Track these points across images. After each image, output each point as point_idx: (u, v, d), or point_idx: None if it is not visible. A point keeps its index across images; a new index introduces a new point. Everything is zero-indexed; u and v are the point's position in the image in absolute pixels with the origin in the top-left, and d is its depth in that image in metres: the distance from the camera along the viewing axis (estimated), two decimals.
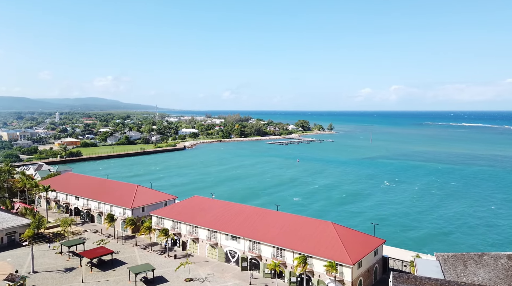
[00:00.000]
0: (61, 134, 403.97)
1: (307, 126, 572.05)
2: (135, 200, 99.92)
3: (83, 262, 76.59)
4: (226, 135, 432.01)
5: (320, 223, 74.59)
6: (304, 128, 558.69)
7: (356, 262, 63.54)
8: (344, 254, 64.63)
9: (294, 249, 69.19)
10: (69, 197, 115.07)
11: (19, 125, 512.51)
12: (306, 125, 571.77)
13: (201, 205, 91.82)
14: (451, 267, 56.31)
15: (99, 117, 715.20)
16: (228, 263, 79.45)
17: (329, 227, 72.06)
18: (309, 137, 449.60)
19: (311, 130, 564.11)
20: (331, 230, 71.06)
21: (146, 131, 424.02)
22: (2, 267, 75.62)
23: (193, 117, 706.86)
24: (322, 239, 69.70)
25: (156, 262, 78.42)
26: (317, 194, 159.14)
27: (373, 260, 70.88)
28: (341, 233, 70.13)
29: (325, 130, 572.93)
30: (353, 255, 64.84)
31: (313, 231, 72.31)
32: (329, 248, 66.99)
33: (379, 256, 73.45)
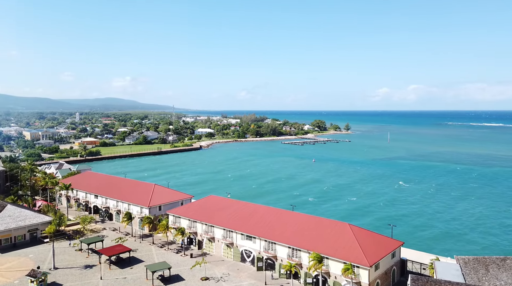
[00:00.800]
0: (81, 134, 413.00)
1: (323, 126, 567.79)
2: (152, 199, 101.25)
3: (102, 259, 78.09)
4: (241, 135, 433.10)
5: (336, 224, 73.94)
6: (320, 128, 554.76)
7: (373, 264, 62.69)
8: (361, 255, 63.85)
9: (310, 249, 68.76)
10: (88, 195, 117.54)
11: (41, 125, 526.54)
12: (322, 125, 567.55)
13: (217, 205, 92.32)
14: (472, 271, 54.92)
15: (117, 117, 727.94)
16: (244, 262, 79.62)
17: (346, 228, 71.33)
18: (325, 138, 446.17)
19: (327, 131, 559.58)
20: (347, 231, 70.32)
21: (163, 131, 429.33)
22: (24, 263, 77.89)
23: (209, 117, 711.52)
24: (339, 240, 69.05)
25: (172, 260, 79.28)
26: (333, 194, 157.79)
27: (391, 262, 69.79)
28: (358, 234, 69.32)
29: (342, 130, 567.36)
30: (370, 257, 63.99)
31: (329, 232, 71.72)
32: (345, 249, 66.31)
33: (397, 259, 72.28)
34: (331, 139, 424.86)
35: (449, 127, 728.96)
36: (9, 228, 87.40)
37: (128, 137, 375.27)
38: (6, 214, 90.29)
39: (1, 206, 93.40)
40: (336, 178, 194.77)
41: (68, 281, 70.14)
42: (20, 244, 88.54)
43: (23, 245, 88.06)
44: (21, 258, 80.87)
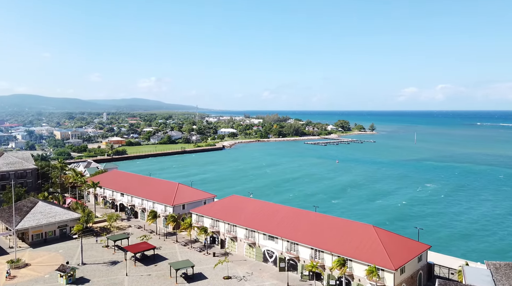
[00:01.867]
0: (108, 133, 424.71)
1: (347, 126, 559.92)
2: (176, 198, 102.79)
3: (128, 256, 79.90)
4: (264, 135, 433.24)
5: (360, 226, 72.68)
6: (344, 129, 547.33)
7: (398, 267, 61.21)
8: (386, 258, 62.48)
9: (333, 251, 67.90)
10: (115, 193, 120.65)
11: (71, 125, 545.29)
12: (346, 126, 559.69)
13: (239, 204, 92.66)
14: (504, 277, 52.68)
15: (143, 117, 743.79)
16: (266, 263, 79.55)
17: (370, 230, 69.99)
18: (349, 138, 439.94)
19: (351, 131, 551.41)
20: (372, 233, 68.98)
21: (187, 131, 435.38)
22: (54, 258, 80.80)
23: (232, 117, 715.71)
24: (363, 242, 67.84)
25: (195, 258, 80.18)
26: (357, 196, 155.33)
27: (417, 266, 67.94)
28: (383, 237, 67.87)
29: (366, 130, 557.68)
30: (396, 260, 62.52)
31: (353, 234, 70.58)
32: (370, 252, 65.07)
33: (424, 262, 70.29)
34: (355, 139, 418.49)
35: (478, 127, 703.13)
36: (41, 224, 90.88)
37: (153, 137, 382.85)
38: (38, 210, 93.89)
39: (33, 203, 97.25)
40: (360, 179, 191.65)
41: (95, 276, 72.20)
42: (51, 239, 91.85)
43: (53, 241, 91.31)
44: (51, 253, 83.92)
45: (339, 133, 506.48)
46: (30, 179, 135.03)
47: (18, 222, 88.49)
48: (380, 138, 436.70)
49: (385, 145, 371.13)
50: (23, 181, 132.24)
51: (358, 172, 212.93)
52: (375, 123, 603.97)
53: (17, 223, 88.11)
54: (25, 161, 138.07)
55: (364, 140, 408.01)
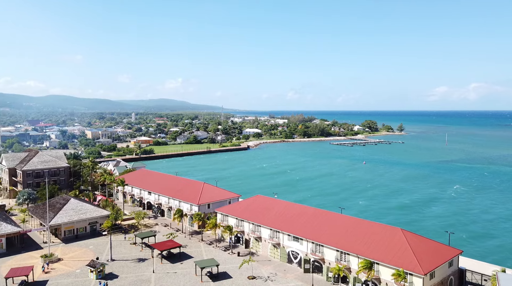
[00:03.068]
0: (136, 133, 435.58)
1: (374, 127, 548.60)
2: (201, 197, 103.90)
3: (154, 254, 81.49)
4: (289, 136, 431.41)
5: (388, 229, 70.86)
6: (371, 129, 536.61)
7: (428, 272, 59.22)
8: (415, 262, 60.61)
9: (360, 254, 66.57)
10: (142, 191, 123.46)
11: (101, 125, 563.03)
12: (373, 126, 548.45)
13: (264, 204, 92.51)
14: None
15: (169, 117, 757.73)
16: (290, 264, 79.03)
17: (398, 233, 68.12)
18: (377, 139, 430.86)
19: (379, 131, 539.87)
20: (400, 236, 67.12)
21: (212, 131, 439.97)
22: (85, 254, 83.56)
23: (257, 118, 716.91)
24: (390, 245, 66.12)
25: (220, 258, 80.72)
26: (385, 198, 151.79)
27: (448, 271, 65.51)
28: (412, 241, 65.89)
29: (395, 131, 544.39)
30: (425, 264, 60.53)
31: (380, 237, 68.91)
32: (397, 256, 63.34)
33: (455, 268, 67.69)
34: (382, 140, 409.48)
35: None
36: (72, 220, 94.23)
37: (179, 137, 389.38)
38: (70, 207, 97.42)
39: (66, 200, 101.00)
40: (388, 181, 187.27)
41: (123, 272, 74.06)
42: (82, 235, 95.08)
43: (84, 237, 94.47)
44: (82, 248, 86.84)
45: (366, 134, 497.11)
46: (63, 176, 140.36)
47: (52, 218, 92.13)
48: (409, 139, 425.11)
49: (414, 146, 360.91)
50: (56, 178, 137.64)
51: (385, 173, 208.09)
52: (404, 124, 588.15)
53: (51, 219, 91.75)
54: (58, 159, 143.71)
55: (392, 141, 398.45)
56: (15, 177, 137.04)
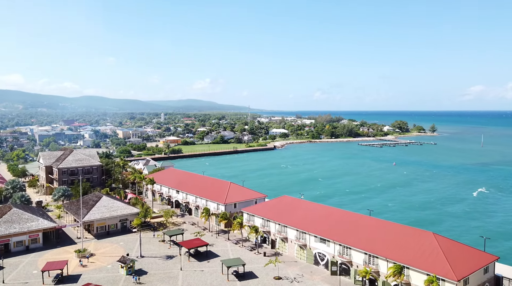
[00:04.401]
0: (165, 133, 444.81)
1: (405, 127, 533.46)
2: (228, 196, 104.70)
3: (182, 251, 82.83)
4: (316, 136, 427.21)
5: (419, 232, 68.67)
6: (401, 130, 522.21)
7: (462, 278, 56.90)
8: (447, 268, 58.38)
9: (389, 257, 64.86)
10: (170, 190, 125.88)
11: (132, 125, 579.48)
12: (404, 127, 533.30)
13: (290, 205, 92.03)
14: None
15: (197, 117, 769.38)
16: (317, 265, 78.14)
17: (430, 237, 65.87)
18: (407, 139, 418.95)
19: (410, 132, 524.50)
20: (431, 241, 64.88)
21: (239, 131, 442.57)
22: (116, 250, 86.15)
23: (283, 118, 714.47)
24: (421, 250, 64.04)
25: (246, 257, 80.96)
26: (416, 201, 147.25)
27: (483, 278, 62.66)
28: (444, 245, 63.52)
29: (426, 132, 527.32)
30: (458, 270, 58.18)
31: (411, 241, 66.88)
32: (429, 260, 61.23)
33: (491, 274, 64.64)
34: (414, 141, 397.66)
35: None
36: (104, 217, 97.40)
37: (206, 137, 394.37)
38: (102, 204, 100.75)
39: (98, 197, 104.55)
40: (419, 183, 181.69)
41: (152, 269, 75.75)
42: (113, 232, 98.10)
43: (115, 233, 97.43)
44: (113, 244, 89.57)
45: (396, 135, 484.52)
46: (96, 174, 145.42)
47: (85, 214, 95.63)
48: (441, 141, 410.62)
49: (447, 147, 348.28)
50: (90, 176, 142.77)
51: (416, 175, 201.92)
52: (436, 124, 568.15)
53: (84, 215, 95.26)
54: (91, 158, 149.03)
55: (423, 142, 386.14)
56: (51, 174, 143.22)
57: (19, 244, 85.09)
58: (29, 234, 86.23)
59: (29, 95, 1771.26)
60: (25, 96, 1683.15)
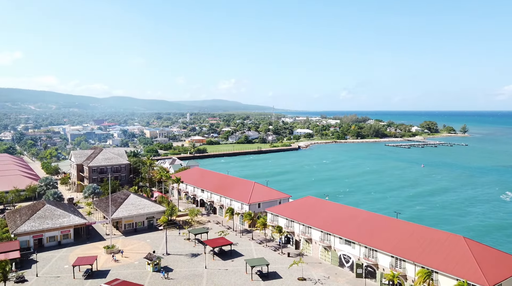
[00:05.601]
0: (190, 132, 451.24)
1: (434, 128, 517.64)
2: (252, 196, 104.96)
3: (207, 250, 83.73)
4: (341, 137, 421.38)
5: (448, 236, 66.38)
6: (430, 130, 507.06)
7: (494, 284, 54.59)
8: (479, 273, 56.15)
9: (417, 261, 63.09)
10: (196, 189, 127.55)
11: (159, 124, 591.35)
12: (433, 127, 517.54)
13: (315, 206, 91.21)
14: None
15: (222, 117, 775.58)
16: (342, 267, 77.05)
17: (460, 241, 63.57)
18: (437, 140, 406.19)
19: (439, 133, 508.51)
20: (462, 245, 62.59)
21: (263, 131, 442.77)
22: (143, 247, 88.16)
23: (308, 118, 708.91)
24: (451, 254, 61.91)
25: (270, 257, 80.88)
26: (445, 203, 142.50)
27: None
28: (475, 250, 61.14)
29: (457, 132, 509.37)
30: (491, 275, 55.85)
31: (440, 245, 64.78)
32: (459, 265, 59.11)
33: None
34: (443, 142, 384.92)
35: None
36: (132, 215, 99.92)
37: (231, 137, 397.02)
38: (130, 202, 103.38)
39: (126, 195, 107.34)
40: (450, 186, 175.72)
41: (177, 266, 77.04)
42: (140, 229, 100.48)
43: (142, 230, 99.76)
44: (140, 241, 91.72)
45: (425, 136, 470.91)
46: (124, 173, 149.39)
47: (113, 211, 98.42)
48: (473, 142, 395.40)
49: (479, 148, 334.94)
50: (118, 174, 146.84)
51: (446, 177, 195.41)
52: (468, 125, 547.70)
53: (113, 212, 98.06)
54: (120, 156, 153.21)
55: (454, 143, 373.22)
56: (82, 172, 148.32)
57: (51, 239, 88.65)
58: (61, 229, 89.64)
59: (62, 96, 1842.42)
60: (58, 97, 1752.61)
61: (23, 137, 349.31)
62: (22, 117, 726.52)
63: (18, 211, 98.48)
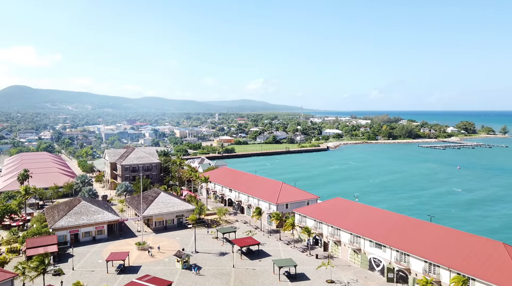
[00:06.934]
0: (219, 132, 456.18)
1: (471, 128, 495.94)
2: (280, 196, 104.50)
3: (234, 249, 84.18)
4: (372, 137, 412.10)
5: (486, 242, 63.21)
6: (467, 131, 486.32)
7: None
8: None
9: (452, 267, 60.51)
10: (224, 188, 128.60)
11: (188, 124, 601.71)
12: (471, 128, 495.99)
13: (344, 207, 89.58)
14: None
15: (250, 117, 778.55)
16: (372, 271, 75.17)
17: (500, 248, 60.36)
18: (474, 142, 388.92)
19: (477, 134, 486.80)
20: (501, 251, 59.41)
21: (291, 131, 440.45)
22: (172, 244, 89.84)
23: (337, 118, 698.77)
24: (489, 260, 58.89)
25: (298, 258, 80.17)
26: (483, 208, 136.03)
27: None
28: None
29: (497, 133, 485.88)
30: None
31: (477, 251, 61.79)
32: (498, 272, 56.12)
33: None
34: (481, 144, 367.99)
35: None
36: (162, 213, 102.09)
37: (259, 137, 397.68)
38: (160, 200, 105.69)
39: (157, 193, 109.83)
40: (487, 189, 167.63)
41: (206, 264, 77.89)
42: (170, 227, 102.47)
43: (171, 228, 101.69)
44: (170, 239, 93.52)
45: (461, 136, 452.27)
46: (155, 172, 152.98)
47: (145, 209, 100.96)
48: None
49: None
50: (149, 173, 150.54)
51: (484, 180, 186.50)
52: (508, 126, 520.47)
53: (144, 210, 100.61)
54: (151, 155, 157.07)
55: (493, 145, 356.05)
56: (115, 170, 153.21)
57: (86, 235, 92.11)
58: (95, 225, 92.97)
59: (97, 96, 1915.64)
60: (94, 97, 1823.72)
61: (61, 136, 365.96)
62: (60, 117, 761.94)
63: (56, 206, 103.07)
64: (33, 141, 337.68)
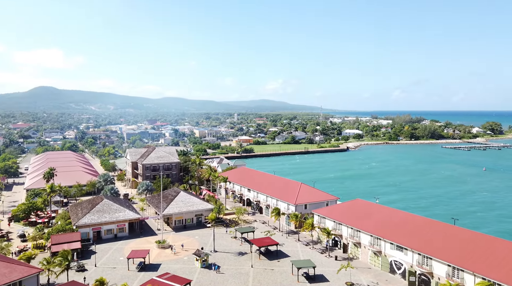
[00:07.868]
0: (238, 132, 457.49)
1: (498, 129, 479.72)
2: (298, 197, 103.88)
3: (253, 249, 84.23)
4: (393, 138, 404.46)
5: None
6: (493, 132, 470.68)
7: None
8: None
9: (477, 272, 58.63)
10: (242, 188, 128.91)
11: (207, 124, 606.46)
12: (497, 128, 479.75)
13: (364, 209, 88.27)
14: None
15: (269, 117, 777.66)
16: (393, 274, 73.73)
17: None
18: (501, 143, 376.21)
19: (504, 135, 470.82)
20: None
21: (310, 131, 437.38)
22: (191, 243, 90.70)
23: (358, 118, 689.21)
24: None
25: (316, 260, 79.47)
26: (509, 211, 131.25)
27: None
28: None
29: None
30: None
31: (504, 255, 59.69)
32: None
33: None
34: (509, 145, 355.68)
35: None
36: (182, 211, 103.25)
37: (278, 137, 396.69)
38: (180, 199, 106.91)
39: (176, 192, 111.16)
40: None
41: (224, 264, 78.25)
42: (189, 226, 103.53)
43: (191, 227, 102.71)
44: (189, 238, 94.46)
45: (487, 137, 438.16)
46: (174, 171, 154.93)
47: (165, 208, 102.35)
48: None
49: None
50: (169, 172, 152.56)
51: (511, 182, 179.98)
52: None
53: (164, 209, 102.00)
54: (171, 155, 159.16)
55: None
56: (137, 169, 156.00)
57: (108, 232, 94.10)
58: (117, 223, 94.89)
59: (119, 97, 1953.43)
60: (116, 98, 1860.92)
61: (85, 136, 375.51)
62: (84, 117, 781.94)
63: (80, 204, 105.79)
64: (58, 140, 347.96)
